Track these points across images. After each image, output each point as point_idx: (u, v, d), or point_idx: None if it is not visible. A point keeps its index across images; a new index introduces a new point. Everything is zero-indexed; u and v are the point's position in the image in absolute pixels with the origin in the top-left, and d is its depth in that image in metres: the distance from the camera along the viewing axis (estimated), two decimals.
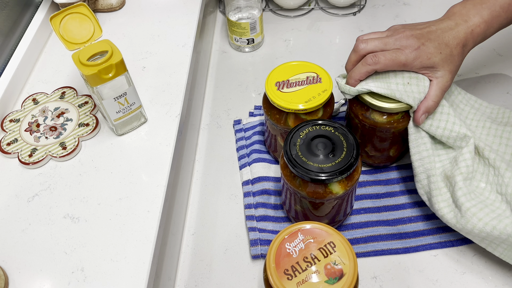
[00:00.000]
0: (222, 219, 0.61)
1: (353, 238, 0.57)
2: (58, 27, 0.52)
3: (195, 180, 0.66)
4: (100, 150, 0.57)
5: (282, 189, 0.56)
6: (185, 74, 0.65)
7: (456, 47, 0.54)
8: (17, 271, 0.46)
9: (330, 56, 0.82)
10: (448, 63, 0.53)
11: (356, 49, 0.55)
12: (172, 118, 0.59)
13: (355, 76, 0.54)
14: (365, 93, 0.55)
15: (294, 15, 0.90)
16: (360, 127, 0.59)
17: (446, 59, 0.53)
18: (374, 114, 0.56)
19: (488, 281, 0.53)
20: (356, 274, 0.41)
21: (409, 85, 0.53)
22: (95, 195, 0.52)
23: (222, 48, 0.86)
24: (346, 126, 0.52)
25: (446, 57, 0.53)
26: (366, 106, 0.56)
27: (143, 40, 0.71)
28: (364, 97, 0.55)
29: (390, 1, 0.92)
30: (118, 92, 0.53)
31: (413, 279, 0.54)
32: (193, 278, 0.56)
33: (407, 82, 0.53)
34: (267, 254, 0.43)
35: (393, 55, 0.52)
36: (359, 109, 0.57)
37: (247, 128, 0.70)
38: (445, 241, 0.56)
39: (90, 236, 0.49)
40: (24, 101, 0.61)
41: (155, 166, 0.54)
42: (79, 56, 0.50)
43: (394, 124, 0.56)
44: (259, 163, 0.64)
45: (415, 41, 0.52)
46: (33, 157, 0.55)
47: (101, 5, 0.75)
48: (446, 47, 0.53)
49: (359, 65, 0.54)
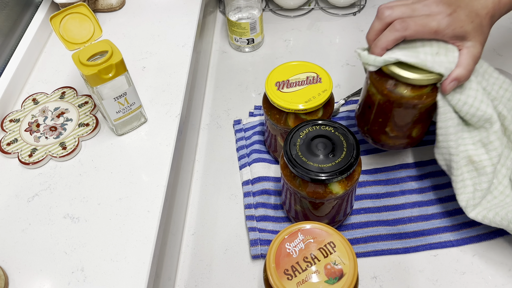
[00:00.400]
0: (222, 219, 0.61)
1: (353, 238, 0.57)
2: (58, 27, 0.52)
3: (195, 180, 0.66)
4: (100, 150, 0.57)
5: (282, 189, 0.56)
6: (185, 74, 0.65)
7: (486, 17, 0.50)
8: (17, 271, 0.46)
9: (330, 56, 0.82)
10: (479, 33, 0.49)
11: (381, 16, 0.50)
12: (172, 118, 0.59)
13: (382, 44, 0.49)
14: (391, 64, 0.50)
15: (294, 15, 0.90)
16: (382, 104, 0.54)
17: (477, 29, 0.49)
18: (401, 88, 0.51)
19: (488, 281, 0.53)
20: (356, 274, 0.41)
21: (438, 55, 0.49)
22: (95, 195, 0.52)
23: (222, 48, 0.86)
24: (345, 126, 0.51)
25: (477, 26, 0.49)
26: (391, 79, 0.51)
27: (143, 40, 0.71)
28: (390, 68, 0.50)
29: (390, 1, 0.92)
30: (118, 92, 0.53)
31: (413, 279, 0.54)
32: (193, 278, 0.56)
33: (435, 52, 0.49)
34: (267, 254, 0.43)
35: (424, 21, 0.48)
36: (383, 83, 0.52)
37: (247, 128, 0.70)
38: (445, 241, 0.56)
39: (90, 236, 0.49)
40: (24, 101, 0.61)
41: (155, 166, 0.54)
42: (79, 56, 0.50)
43: (423, 98, 0.51)
44: (259, 163, 0.64)
45: (446, 7, 0.48)
46: (33, 157, 0.55)
47: (101, 5, 0.75)
48: (476, 16, 0.49)
49: (386, 32, 0.49)
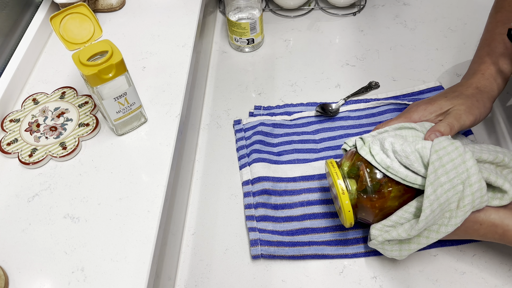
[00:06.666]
0: (222, 219, 0.61)
1: (359, 237, 0.57)
2: (58, 27, 0.52)
3: (195, 180, 0.66)
4: (100, 150, 0.57)
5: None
6: (185, 74, 0.65)
7: (467, 89, 0.57)
8: (17, 271, 0.46)
9: (330, 56, 0.82)
10: (457, 99, 0.55)
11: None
12: (172, 118, 0.59)
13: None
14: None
15: (294, 15, 0.90)
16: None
17: (454, 97, 0.56)
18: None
19: (488, 281, 0.53)
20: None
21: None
22: (95, 195, 0.52)
23: (222, 48, 0.85)
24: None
25: (453, 97, 0.56)
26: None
27: (143, 40, 0.71)
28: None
29: (390, 1, 0.92)
30: (118, 92, 0.53)
31: (413, 279, 0.54)
32: (193, 278, 0.56)
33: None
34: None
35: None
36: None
37: (247, 128, 0.70)
38: (445, 241, 0.56)
39: (90, 236, 0.49)
40: (24, 101, 0.61)
41: (155, 166, 0.54)
42: (79, 56, 0.49)
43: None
44: (259, 163, 0.64)
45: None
46: (33, 157, 0.55)
47: (101, 5, 0.75)
48: (453, 92, 0.57)
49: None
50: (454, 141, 0.48)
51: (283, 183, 0.63)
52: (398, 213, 0.49)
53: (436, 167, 0.46)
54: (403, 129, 0.55)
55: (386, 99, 0.73)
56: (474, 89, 0.57)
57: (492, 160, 0.50)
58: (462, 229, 0.49)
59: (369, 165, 0.50)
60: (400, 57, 0.81)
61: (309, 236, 0.58)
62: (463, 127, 0.54)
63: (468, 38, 0.83)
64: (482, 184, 0.47)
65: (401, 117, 0.57)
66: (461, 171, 0.46)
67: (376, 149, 0.50)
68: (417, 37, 0.84)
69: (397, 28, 0.86)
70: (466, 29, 0.84)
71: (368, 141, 0.52)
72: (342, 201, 0.50)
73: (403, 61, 0.80)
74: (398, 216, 0.49)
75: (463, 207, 0.47)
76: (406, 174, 0.48)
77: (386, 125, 0.56)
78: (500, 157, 0.50)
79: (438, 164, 0.46)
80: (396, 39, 0.84)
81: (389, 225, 0.50)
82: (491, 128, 0.69)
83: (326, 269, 0.56)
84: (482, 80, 0.58)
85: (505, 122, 0.69)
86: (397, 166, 0.49)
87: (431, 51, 0.81)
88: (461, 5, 0.89)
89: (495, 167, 0.51)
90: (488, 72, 0.59)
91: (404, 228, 0.48)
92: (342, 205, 0.50)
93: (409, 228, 0.48)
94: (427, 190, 0.46)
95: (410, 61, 0.80)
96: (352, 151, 0.54)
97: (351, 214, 0.51)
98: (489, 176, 0.48)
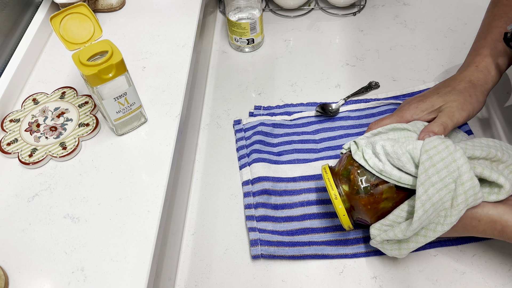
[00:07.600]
0: (222, 219, 0.61)
1: (360, 237, 0.57)
2: (58, 27, 0.52)
3: (195, 180, 0.66)
4: (100, 150, 0.57)
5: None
6: (185, 74, 0.65)
7: (460, 83, 0.56)
8: (17, 271, 0.46)
9: (330, 56, 0.82)
10: (449, 95, 0.55)
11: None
12: (172, 118, 0.59)
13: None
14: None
15: (294, 15, 0.90)
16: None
17: (446, 93, 0.56)
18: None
19: (488, 281, 0.53)
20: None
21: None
22: (95, 195, 0.52)
23: (222, 48, 0.86)
24: None
25: (445, 93, 0.56)
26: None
27: (143, 40, 0.71)
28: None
29: (390, 1, 0.92)
30: (118, 92, 0.53)
31: (413, 279, 0.54)
32: (193, 278, 0.56)
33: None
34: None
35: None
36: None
37: (247, 128, 0.70)
38: (445, 240, 0.56)
39: (90, 236, 0.49)
40: (24, 101, 0.61)
41: (155, 166, 0.54)
42: (79, 56, 0.49)
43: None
44: (259, 163, 0.64)
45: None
46: (33, 157, 0.55)
47: (101, 5, 0.75)
48: (445, 88, 0.57)
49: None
50: (445, 139, 0.48)
51: (283, 183, 0.63)
52: (395, 212, 0.49)
53: (426, 167, 0.46)
54: (396, 130, 0.55)
55: (386, 99, 0.73)
56: (467, 82, 0.57)
57: (485, 156, 0.50)
58: (461, 226, 0.49)
59: (362, 168, 0.51)
60: (400, 57, 0.81)
61: (309, 236, 0.58)
62: (457, 124, 0.54)
63: (468, 38, 0.83)
64: (474, 182, 0.46)
65: (393, 116, 0.57)
66: (452, 169, 0.46)
67: (369, 153, 0.51)
68: (417, 37, 0.84)
69: (397, 28, 0.86)
70: (466, 29, 0.84)
71: (361, 145, 0.52)
72: (336, 206, 0.51)
73: (403, 61, 0.80)
74: (395, 215, 0.49)
75: (457, 206, 0.47)
76: (400, 176, 0.49)
77: (379, 124, 0.56)
78: (493, 153, 0.50)
79: (429, 164, 0.46)
80: (396, 39, 0.84)
81: (387, 224, 0.50)
82: (487, 128, 0.69)
83: (326, 269, 0.56)
84: (475, 72, 0.58)
85: (502, 123, 0.69)
86: (390, 169, 0.49)
87: (431, 51, 0.81)
88: (461, 5, 0.89)
89: (490, 162, 0.51)
90: (483, 64, 0.58)
91: (401, 228, 0.48)
92: (336, 210, 0.51)
93: (405, 229, 0.48)
94: (418, 191, 0.46)
95: (410, 61, 0.80)
96: (346, 154, 0.54)
97: (346, 218, 0.51)
98: (483, 171, 0.48)
